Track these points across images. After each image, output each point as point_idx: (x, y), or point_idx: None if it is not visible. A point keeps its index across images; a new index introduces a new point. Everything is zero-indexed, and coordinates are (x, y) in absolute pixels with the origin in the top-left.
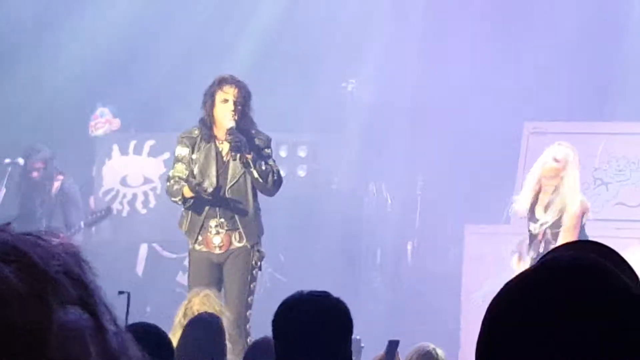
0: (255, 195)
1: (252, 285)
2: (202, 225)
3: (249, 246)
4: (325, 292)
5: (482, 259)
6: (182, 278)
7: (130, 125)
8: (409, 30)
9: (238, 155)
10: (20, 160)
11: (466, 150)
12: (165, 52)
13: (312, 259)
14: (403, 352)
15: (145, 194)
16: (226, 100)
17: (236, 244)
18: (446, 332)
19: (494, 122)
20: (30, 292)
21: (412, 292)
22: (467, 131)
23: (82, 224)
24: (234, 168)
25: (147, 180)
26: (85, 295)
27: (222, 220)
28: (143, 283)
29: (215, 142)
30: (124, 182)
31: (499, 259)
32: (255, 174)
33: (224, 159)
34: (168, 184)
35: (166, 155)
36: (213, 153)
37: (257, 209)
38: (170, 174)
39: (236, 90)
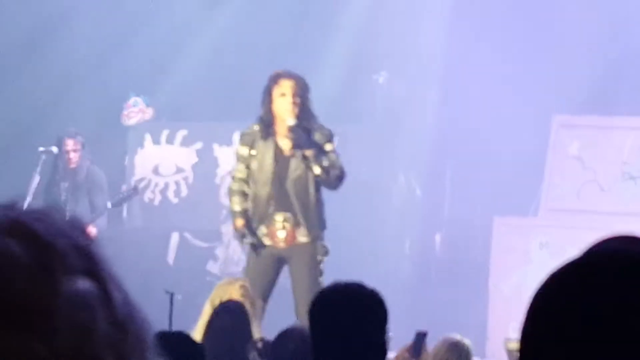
0: (317, 189)
1: (320, 279)
2: (267, 218)
3: (311, 240)
4: (360, 282)
5: (510, 251)
6: (213, 267)
7: (163, 114)
8: (437, 23)
9: (299, 152)
10: (54, 149)
11: (495, 142)
12: (198, 42)
13: (341, 250)
14: (431, 343)
15: (177, 183)
16: (284, 94)
17: (301, 239)
18: (474, 324)
19: (523, 114)
20: (35, 263)
21: (440, 283)
22: (497, 123)
23: (109, 204)
24: (296, 162)
25: (179, 170)
26: (92, 265)
27: (289, 214)
28: (174, 271)
29: (275, 138)
30: (156, 171)
31: (527, 251)
32: (317, 170)
33: (285, 154)
34: (231, 186)
35: (198, 145)
36: (272, 149)
37: (319, 201)
38: (234, 174)
39: (293, 83)
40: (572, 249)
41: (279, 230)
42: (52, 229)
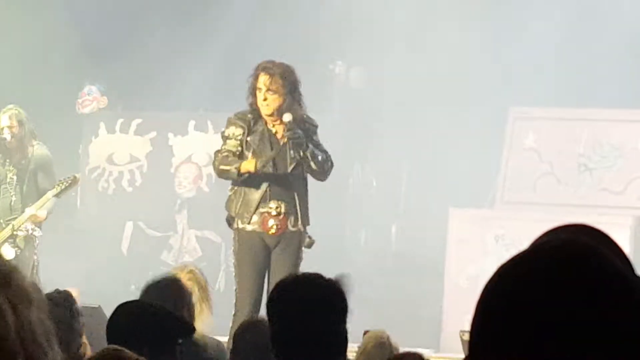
0: (307, 179)
1: (299, 269)
2: (259, 205)
3: (302, 230)
4: (318, 274)
5: (466, 243)
6: (167, 256)
7: (118, 103)
8: (396, 14)
9: (297, 151)
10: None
11: (452, 134)
12: (155, 30)
13: None
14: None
15: (132, 172)
16: (259, 89)
17: (290, 228)
18: (429, 315)
19: (480, 106)
20: None
21: (395, 275)
22: (454, 114)
23: (49, 194)
24: (293, 153)
25: (133, 159)
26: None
27: (282, 202)
28: (128, 261)
29: (266, 125)
30: (110, 160)
31: (483, 243)
32: (313, 166)
33: (280, 141)
34: (218, 157)
35: (152, 134)
36: (267, 135)
37: (307, 192)
38: (221, 148)
39: (267, 77)
40: (528, 242)
41: (271, 218)
42: None
